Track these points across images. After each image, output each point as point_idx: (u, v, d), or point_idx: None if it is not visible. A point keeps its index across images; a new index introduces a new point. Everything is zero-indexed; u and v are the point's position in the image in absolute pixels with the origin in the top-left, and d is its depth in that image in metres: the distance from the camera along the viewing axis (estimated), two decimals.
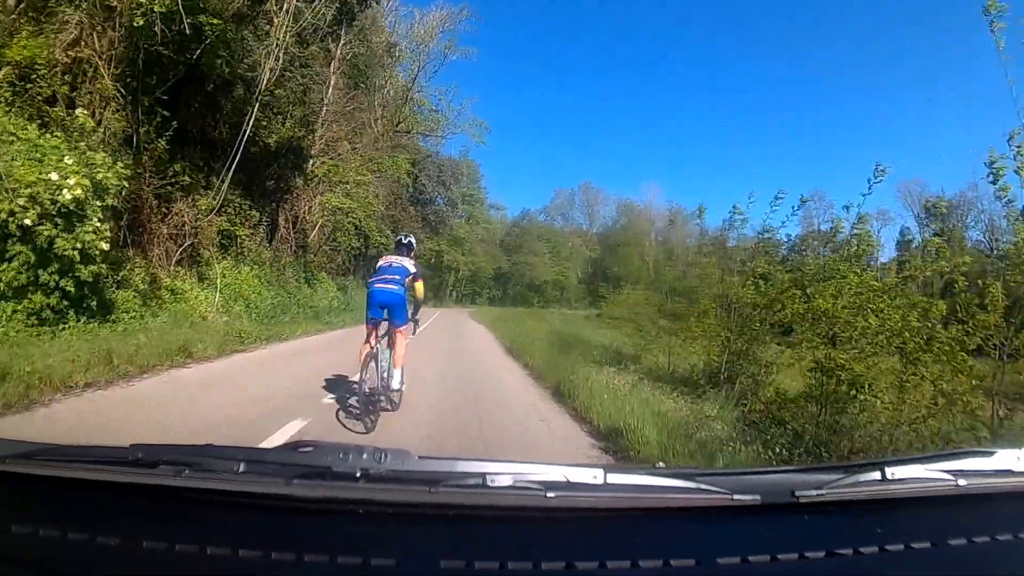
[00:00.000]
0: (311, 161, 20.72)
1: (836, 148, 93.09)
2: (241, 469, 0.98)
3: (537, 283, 69.53)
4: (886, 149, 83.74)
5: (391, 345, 5.34)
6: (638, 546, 0.90)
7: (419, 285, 5.49)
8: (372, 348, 5.10)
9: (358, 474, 0.94)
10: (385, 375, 5.27)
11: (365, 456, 0.97)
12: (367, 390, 4.87)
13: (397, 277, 5.22)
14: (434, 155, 46.13)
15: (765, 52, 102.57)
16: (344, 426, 4.97)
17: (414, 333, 5.78)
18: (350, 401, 5.50)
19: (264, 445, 3.84)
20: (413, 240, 5.76)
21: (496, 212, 74.47)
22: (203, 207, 13.88)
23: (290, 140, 19.10)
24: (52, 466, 1.03)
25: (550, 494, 0.93)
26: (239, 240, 15.79)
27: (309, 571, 0.81)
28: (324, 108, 22.91)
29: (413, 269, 5.39)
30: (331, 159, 22.65)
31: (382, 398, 5.23)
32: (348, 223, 24.19)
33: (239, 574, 0.82)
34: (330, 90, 23.34)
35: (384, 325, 5.30)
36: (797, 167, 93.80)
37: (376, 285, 5.19)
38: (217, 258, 14.25)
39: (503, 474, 0.96)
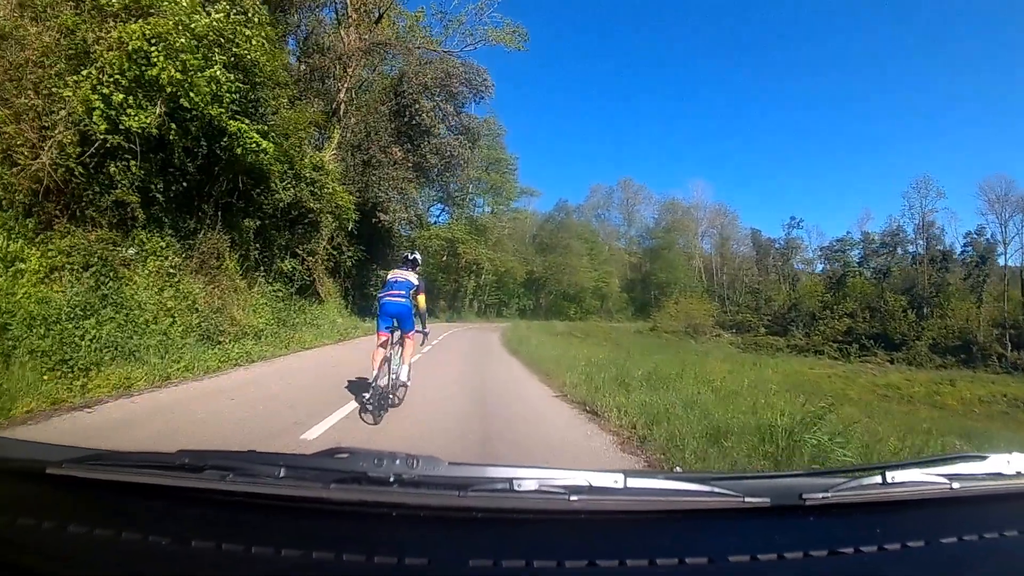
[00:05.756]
0: None
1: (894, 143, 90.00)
2: (282, 474, 1.03)
3: (573, 291, 59.33)
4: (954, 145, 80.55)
5: (402, 347, 6.11)
6: (655, 546, 0.94)
7: (421, 298, 6.16)
8: (387, 353, 5.82)
9: (392, 479, 0.99)
10: (395, 375, 6.00)
11: (398, 462, 1.02)
12: (381, 387, 5.58)
13: (403, 291, 5.97)
14: (434, 62, 23.41)
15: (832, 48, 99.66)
16: (361, 419, 5.56)
17: (422, 344, 6.42)
18: (365, 396, 5.95)
19: None
20: (419, 257, 6.41)
21: (527, 200, 58.65)
22: None
23: None
24: (106, 470, 1.09)
25: (573, 497, 0.98)
26: None
27: (348, 570, 0.86)
28: None
29: (416, 282, 6.09)
30: None
31: (392, 396, 5.92)
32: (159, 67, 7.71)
33: (282, 573, 0.87)
34: None
35: (396, 334, 6.03)
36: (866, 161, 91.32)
37: (386, 298, 5.93)
38: None
39: (529, 479, 1.01)
